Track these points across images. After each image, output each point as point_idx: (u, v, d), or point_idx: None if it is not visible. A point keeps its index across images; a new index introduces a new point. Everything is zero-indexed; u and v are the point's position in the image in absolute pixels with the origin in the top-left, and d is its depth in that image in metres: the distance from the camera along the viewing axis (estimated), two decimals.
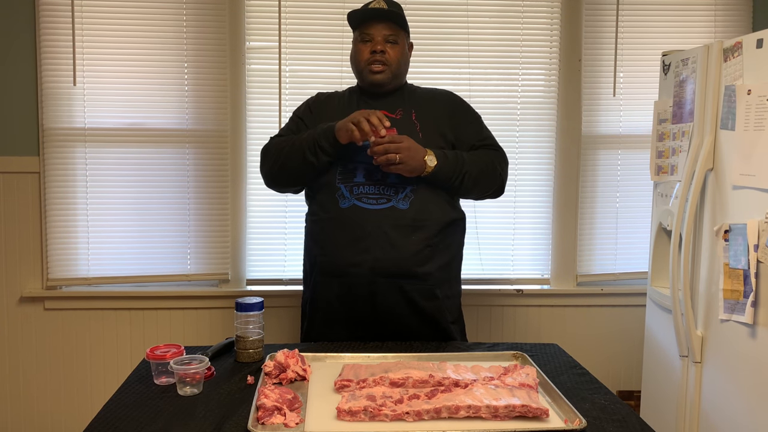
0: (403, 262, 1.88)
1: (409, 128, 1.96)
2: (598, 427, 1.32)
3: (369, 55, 1.99)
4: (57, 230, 2.68)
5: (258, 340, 1.70)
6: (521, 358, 1.67)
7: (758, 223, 1.87)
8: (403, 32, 2.05)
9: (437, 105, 2.09)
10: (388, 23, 2.00)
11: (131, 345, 2.75)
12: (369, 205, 1.90)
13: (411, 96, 2.09)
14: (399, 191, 1.91)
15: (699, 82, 2.13)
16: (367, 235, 1.88)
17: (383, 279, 1.88)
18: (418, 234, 1.89)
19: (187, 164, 2.72)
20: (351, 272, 1.89)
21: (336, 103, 2.09)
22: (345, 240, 1.90)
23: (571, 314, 2.88)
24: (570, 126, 2.80)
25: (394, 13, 2.01)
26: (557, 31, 2.78)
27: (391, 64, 2.00)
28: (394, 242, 1.87)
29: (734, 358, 1.98)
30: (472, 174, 1.95)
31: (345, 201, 1.91)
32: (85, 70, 2.65)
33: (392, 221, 1.88)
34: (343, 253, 1.90)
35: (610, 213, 2.88)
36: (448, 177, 1.92)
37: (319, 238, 1.97)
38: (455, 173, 1.93)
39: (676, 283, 2.17)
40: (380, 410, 1.32)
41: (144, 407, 1.42)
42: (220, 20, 2.68)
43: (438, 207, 1.94)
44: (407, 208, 1.90)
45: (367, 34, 2.01)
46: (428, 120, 2.03)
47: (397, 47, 2.02)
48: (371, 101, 2.05)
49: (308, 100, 2.15)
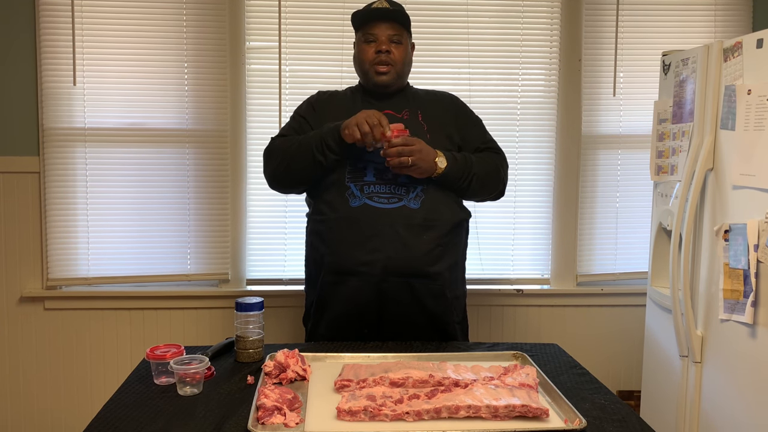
0: (415, 261, 1.88)
1: (416, 129, 1.96)
2: (598, 427, 1.32)
3: (374, 56, 1.99)
4: (57, 230, 2.68)
5: (258, 340, 1.70)
6: (521, 358, 1.67)
7: (758, 223, 1.87)
8: (406, 32, 2.05)
9: (442, 107, 2.09)
10: (392, 23, 2.00)
11: (131, 345, 2.75)
12: (381, 204, 1.89)
13: (415, 97, 2.09)
14: (410, 191, 1.91)
15: (699, 82, 2.13)
16: (379, 233, 1.87)
17: (394, 278, 1.88)
18: (429, 233, 1.89)
19: (187, 164, 2.72)
20: (362, 271, 1.88)
21: (339, 102, 2.08)
22: (356, 239, 1.89)
23: (571, 314, 2.88)
24: (570, 126, 2.80)
25: (398, 12, 2.01)
26: (557, 31, 2.78)
27: (396, 64, 2.00)
28: (406, 241, 1.87)
29: (734, 358, 1.98)
30: (480, 176, 1.97)
31: (356, 200, 1.91)
32: (85, 70, 2.65)
33: (404, 220, 1.88)
34: (354, 253, 1.89)
35: (610, 213, 2.88)
36: (457, 178, 1.93)
37: (327, 237, 1.95)
38: (464, 175, 1.94)
39: (676, 283, 2.17)
40: (380, 410, 1.32)
41: (144, 407, 1.42)
42: (220, 20, 2.68)
43: (448, 207, 1.95)
44: (418, 207, 1.90)
45: (371, 35, 2.00)
46: (434, 121, 2.03)
47: (401, 47, 2.02)
48: (375, 102, 2.04)
49: (310, 99, 2.14)
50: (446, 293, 1.94)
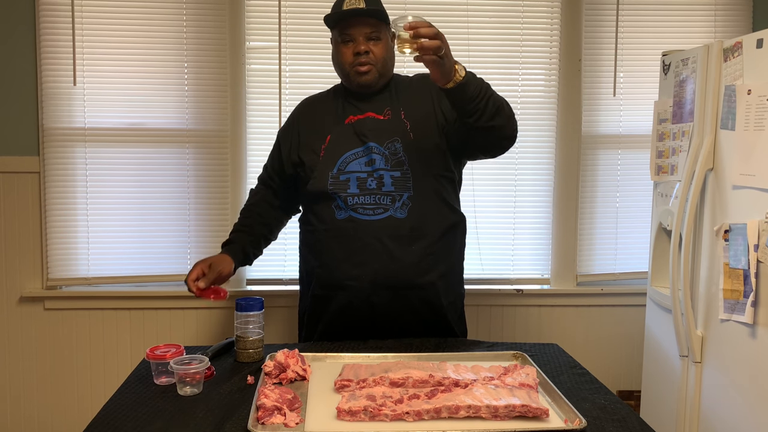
0: (404, 273, 1.86)
1: (399, 129, 1.90)
2: (598, 427, 1.32)
3: (352, 57, 1.89)
4: (57, 230, 2.68)
5: (258, 340, 1.70)
6: (521, 358, 1.67)
7: (758, 223, 1.87)
8: (385, 25, 1.91)
9: (422, 93, 1.96)
10: (368, 19, 1.88)
11: (131, 345, 2.75)
12: (366, 216, 1.86)
13: (398, 90, 1.98)
14: (396, 200, 1.86)
15: (699, 82, 2.13)
16: (365, 247, 1.84)
17: (384, 291, 1.86)
18: (418, 243, 1.86)
19: (187, 164, 2.72)
20: (351, 285, 1.87)
21: (321, 108, 2.02)
22: (343, 253, 1.87)
23: (571, 314, 2.88)
24: (570, 126, 2.80)
25: (374, 11, 1.88)
26: (557, 31, 2.78)
27: (377, 62, 1.89)
28: (393, 254, 1.84)
29: (734, 358, 1.98)
30: (496, 99, 1.77)
31: (341, 212, 1.88)
32: (85, 70, 2.65)
33: (390, 231, 1.85)
34: (342, 267, 1.87)
35: (610, 213, 2.88)
36: (475, 95, 1.71)
37: (315, 250, 1.94)
38: (481, 92, 1.72)
39: (676, 283, 2.17)
40: (380, 410, 1.32)
41: (144, 407, 1.42)
42: (220, 20, 2.68)
43: (437, 212, 1.91)
44: (405, 216, 1.86)
45: (347, 35, 1.89)
46: (417, 115, 1.93)
47: (381, 43, 1.90)
48: (358, 102, 1.96)
49: (293, 112, 2.09)
50: (441, 300, 1.92)
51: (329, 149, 1.92)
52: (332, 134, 1.93)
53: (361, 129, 1.91)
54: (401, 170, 1.87)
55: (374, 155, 1.88)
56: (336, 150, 1.91)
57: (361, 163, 1.88)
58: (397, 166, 1.88)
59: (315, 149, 1.94)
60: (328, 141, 1.93)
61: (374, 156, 1.88)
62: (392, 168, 1.87)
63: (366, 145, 1.88)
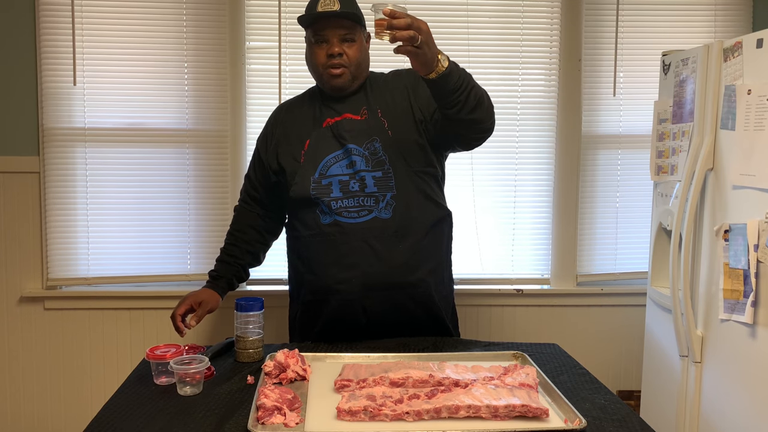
0: (393, 273, 1.85)
1: (377, 128, 1.89)
2: (598, 427, 1.32)
3: (326, 59, 1.86)
4: (57, 230, 2.68)
5: (258, 340, 1.70)
6: (521, 358, 1.67)
7: (758, 223, 1.87)
8: (359, 26, 1.90)
9: (398, 90, 1.94)
10: (343, 21, 1.86)
11: (131, 345, 2.75)
12: (351, 219, 1.85)
13: (374, 89, 1.96)
14: (380, 200, 1.85)
15: (699, 82, 2.13)
16: (353, 250, 1.84)
17: (376, 293, 1.86)
18: (405, 242, 1.86)
19: (187, 164, 2.72)
20: (341, 289, 1.86)
21: (298, 113, 2.00)
22: (330, 258, 1.86)
23: (571, 314, 2.88)
24: (570, 126, 2.80)
25: (348, 13, 1.85)
26: (557, 31, 2.78)
27: (351, 64, 1.87)
28: (380, 255, 1.84)
29: (734, 358, 1.98)
30: (477, 91, 1.73)
31: (325, 217, 1.87)
32: (85, 70, 2.64)
33: (377, 233, 1.84)
34: (331, 271, 1.87)
35: (610, 213, 2.88)
36: (457, 86, 1.67)
37: (303, 256, 1.94)
38: (464, 83, 1.69)
39: (676, 283, 2.17)
40: (380, 410, 1.32)
41: (144, 407, 1.42)
42: (220, 20, 2.68)
43: (422, 209, 1.90)
44: (390, 216, 1.85)
45: (321, 36, 1.87)
46: (395, 114, 1.91)
47: (355, 45, 1.88)
48: (334, 104, 1.94)
49: (269, 119, 2.07)
50: (433, 296, 1.92)
51: (309, 154, 1.90)
52: (311, 138, 1.92)
53: (339, 131, 1.89)
54: (382, 170, 1.87)
55: (354, 157, 1.86)
56: (316, 154, 1.89)
57: (342, 166, 1.87)
58: (378, 166, 1.87)
59: (295, 155, 1.93)
60: (308, 146, 1.91)
61: (354, 158, 1.86)
62: (373, 168, 1.86)
63: (345, 147, 1.87)
